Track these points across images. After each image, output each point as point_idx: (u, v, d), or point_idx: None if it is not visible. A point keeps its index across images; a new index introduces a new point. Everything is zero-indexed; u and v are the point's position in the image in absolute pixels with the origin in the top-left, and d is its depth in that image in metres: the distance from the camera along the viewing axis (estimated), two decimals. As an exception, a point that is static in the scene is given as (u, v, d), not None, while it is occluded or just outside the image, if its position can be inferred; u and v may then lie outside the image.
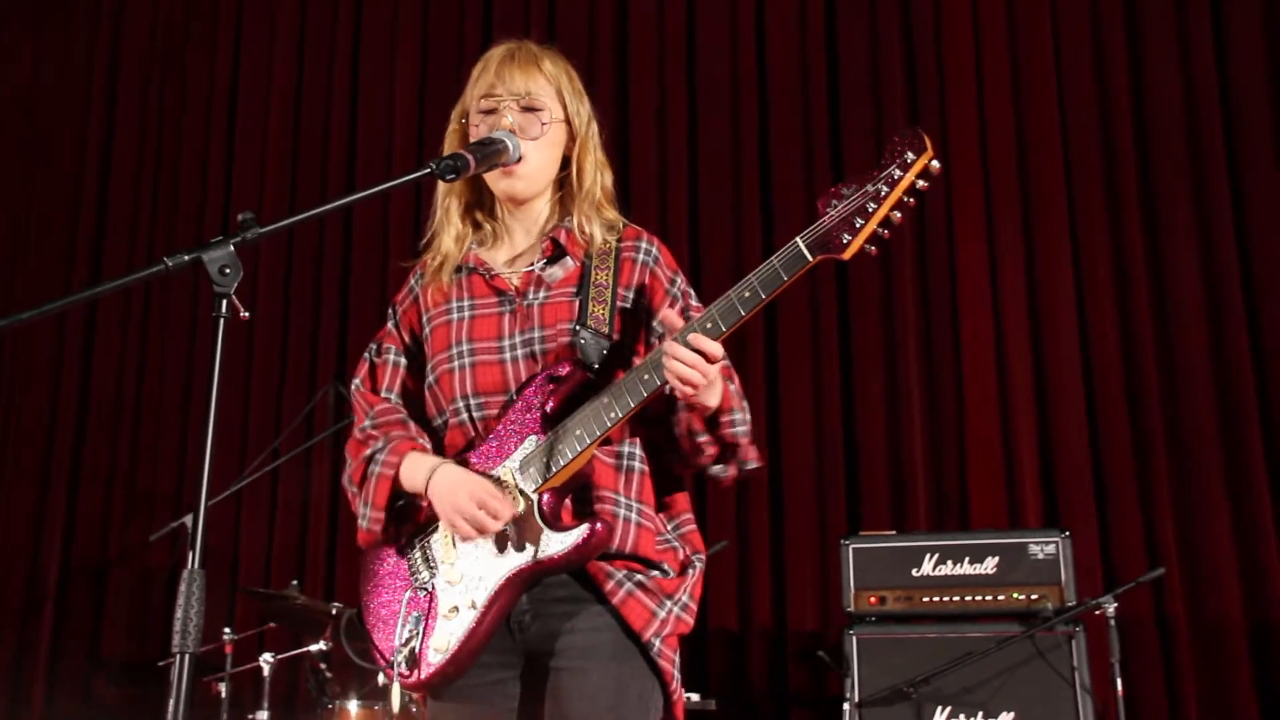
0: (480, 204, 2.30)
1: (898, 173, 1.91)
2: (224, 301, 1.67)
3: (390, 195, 5.58)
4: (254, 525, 5.81)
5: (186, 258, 1.68)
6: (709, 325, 1.94)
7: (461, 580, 2.05)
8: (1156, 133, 4.90)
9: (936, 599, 4.04)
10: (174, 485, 6.01)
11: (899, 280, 5.08)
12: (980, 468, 4.83)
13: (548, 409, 2.04)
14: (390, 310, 2.34)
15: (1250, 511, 4.47)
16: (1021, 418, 4.82)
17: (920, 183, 1.92)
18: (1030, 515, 4.69)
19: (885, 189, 1.91)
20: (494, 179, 2.20)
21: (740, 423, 2.11)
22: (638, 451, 2.13)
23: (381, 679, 4.01)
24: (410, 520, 2.17)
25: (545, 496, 2.01)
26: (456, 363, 2.16)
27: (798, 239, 1.93)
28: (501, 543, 2.03)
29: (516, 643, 2.08)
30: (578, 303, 2.13)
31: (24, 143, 6.96)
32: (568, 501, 2.05)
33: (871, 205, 1.91)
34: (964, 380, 4.93)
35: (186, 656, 1.56)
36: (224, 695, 4.34)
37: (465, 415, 2.14)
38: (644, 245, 2.22)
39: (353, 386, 2.32)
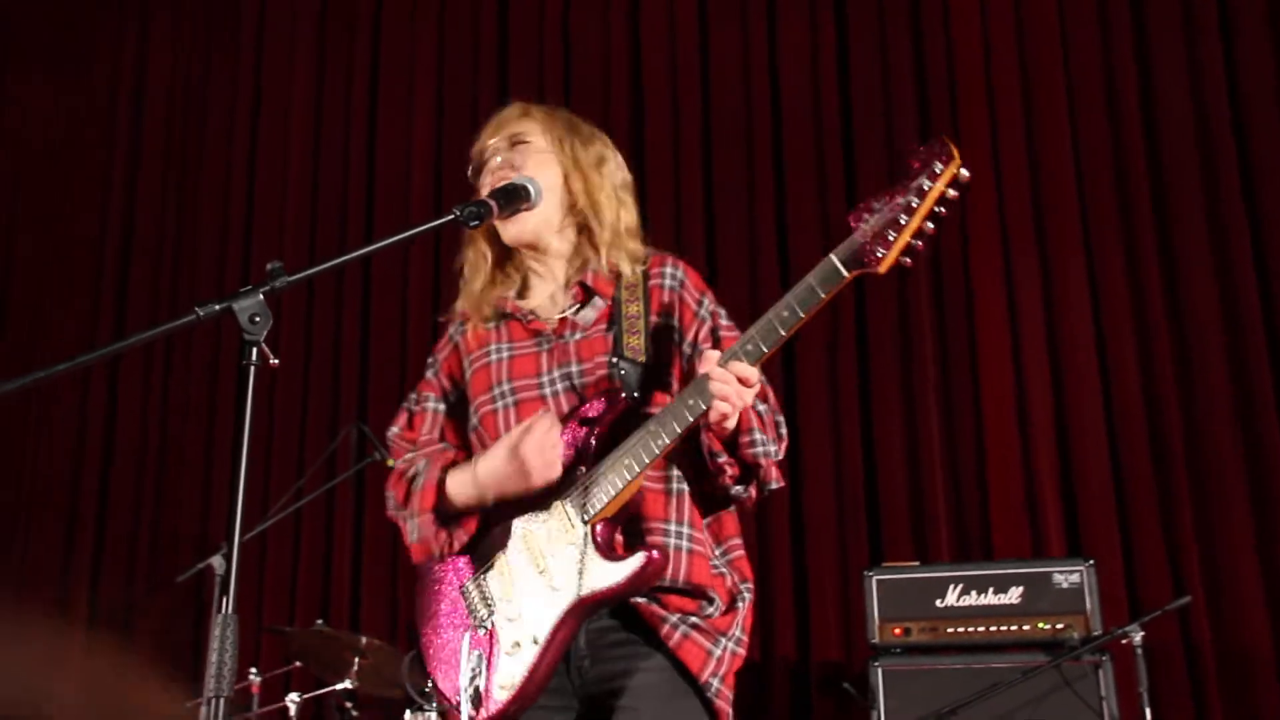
0: (507, 255, 2.34)
1: (927, 183, 1.89)
2: (254, 349, 1.69)
3: (409, 234, 5.64)
4: (278, 565, 5.83)
5: (217, 307, 1.70)
6: (749, 348, 1.94)
7: (521, 616, 2.05)
8: (1169, 157, 4.91)
9: (961, 629, 4.02)
10: (198, 526, 6.04)
11: (915, 308, 5.09)
12: (1002, 497, 4.81)
13: (593, 440, 2.06)
14: (430, 360, 2.40)
15: (1275, 537, 4.44)
16: (1042, 446, 4.81)
17: (950, 192, 1.90)
18: (1053, 544, 4.67)
19: (916, 200, 1.89)
20: (502, 229, 2.24)
21: (760, 443, 2.07)
22: (676, 473, 2.14)
23: (408, 716, 4.01)
24: (466, 541, 2.19)
25: (599, 527, 2.02)
26: (500, 403, 2.20)
27: (831, 255, 1.92)
28: (558, 576, 2.03)
29: (574, 686, 2.10)
30: (612, 336, 2.16)
31: (48, 184, 7.06)
32: (618, 534, 2.06)
33: (904, 217, 1.89)
34: (983, 409, 4.93)
35: (221, 701, 1.58)
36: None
37: None
38: (669, 270, 2.26)
39: (390, 433, 2.36)
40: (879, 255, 1.88)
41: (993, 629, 3.99)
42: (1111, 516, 4.67)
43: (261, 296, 1.71)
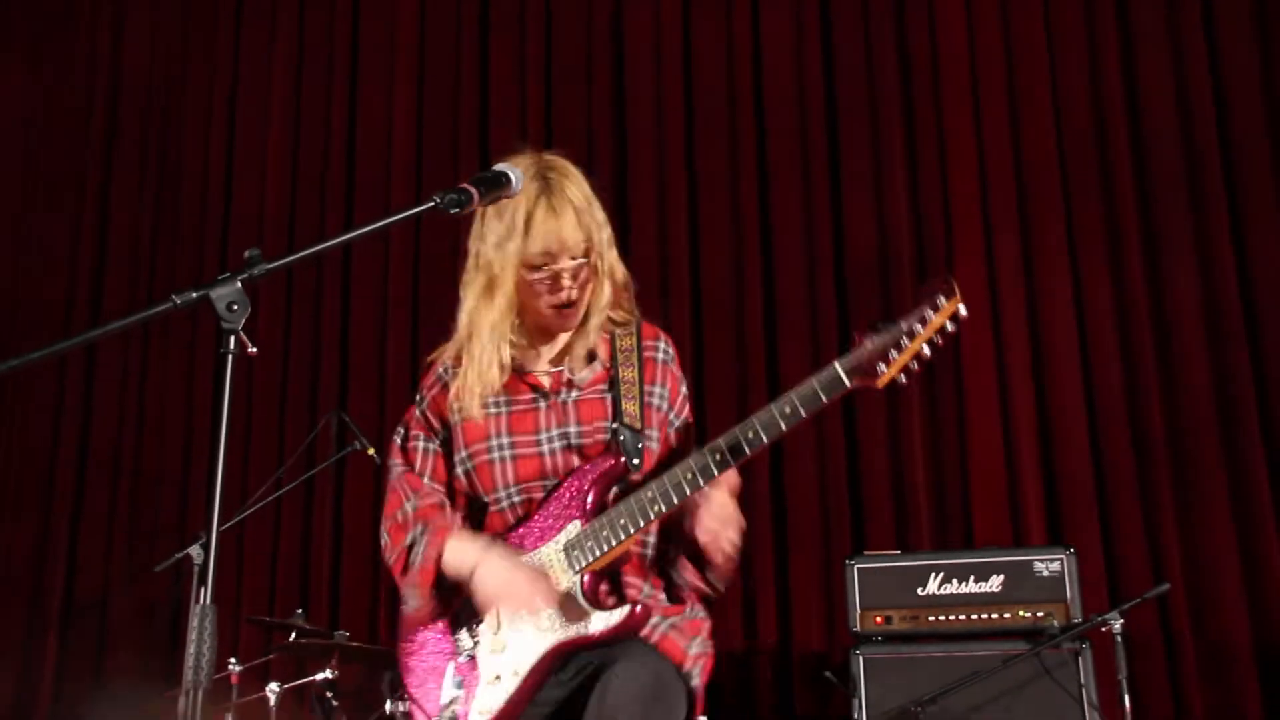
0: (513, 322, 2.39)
1: (930, 313, 2.12)
2: (232, 338, 1.67)
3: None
4: (258, 555, 5.81)
5: (195, 295, 1.68)
6: (750, 435, 2.13)
7: (505, 650, 2.19)
8: (1153, 149, 4.92)
9: (942, 618, 4.03)
10: (176, 515, 6.01)
11: (898, 298, 5.09)
12: (983, 485, 4.83)
13: (590, 498, 2.21)
14: (418, 398, 2.44)
15: (1254, 527, 4.47)
16: (1023, 435, 4.82)
17: (949, 326, 2.12)
18: (1034, 533, 4.69)
19: (919, 327, 2.11)
20: (551, 319, 2.32)
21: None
22: (652, 539, 2.33)
23: (388, 705, 4.01)
24: (455, 596, 2.29)
25: (587, 577, 2.18)
26: (496, 454, 2.31)
27: (836, 364, 2.14)
28: (546, 619, 2.17)
29: (556, 682, 2.21)
30: (610, 399, 2.30)
31: (23, 173, 6.99)
32: (602, 584, 2.22)
33: (905, 340, 2.11)
34: (965, 398, 4.94)
35: (199, 692, 1.56)
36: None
37: (505, 503, 2.31)
38: (662, 345, 2.41)
39: (396, 470, 2.41)
40: (880, 371, 2.10)
41: (973, 617, 4.00)
42: (1092, 505, 4.69)
43: (239, 284, 1.69)
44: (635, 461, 2.24)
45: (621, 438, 2.25)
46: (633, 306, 2.41)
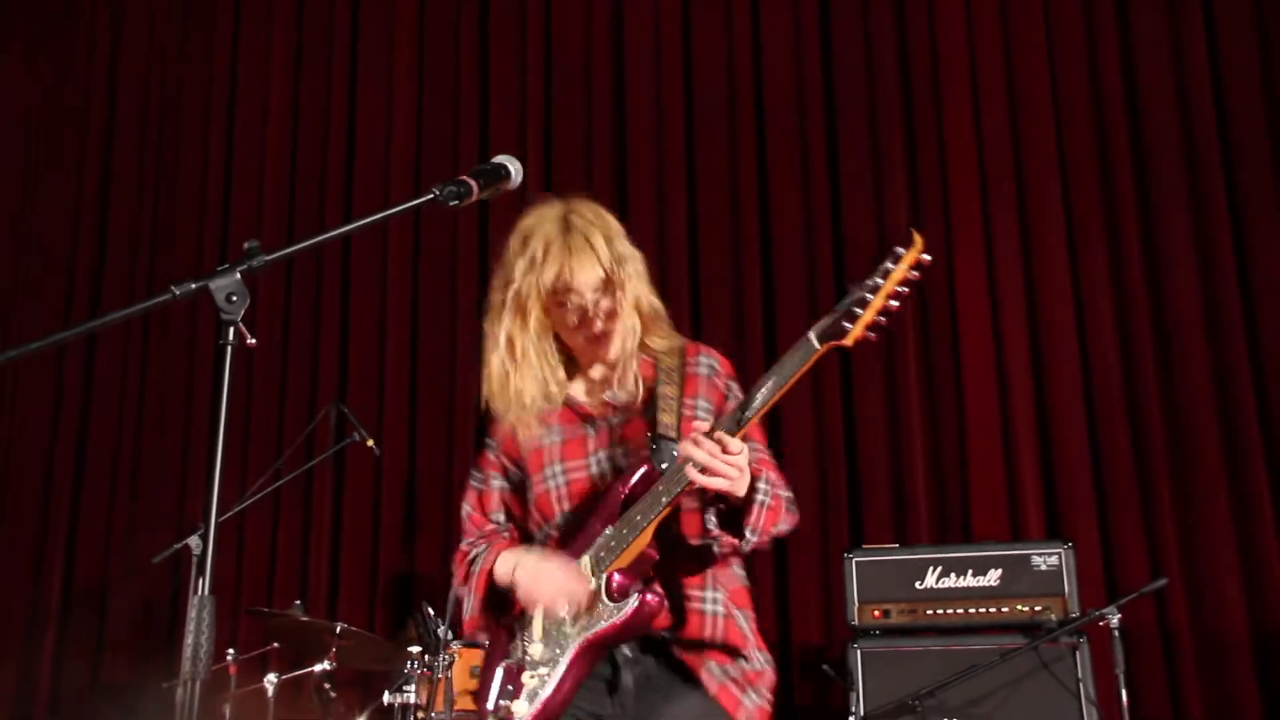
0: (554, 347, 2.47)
1: (890, 265, 2.13)
2: (231, 329, 1.67)
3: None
4: (256, 546, 5.81)
5: (194, 286, 1.68)
6: (740, 416, 2.14)
7: (543, 653, 2.30)
8: (1153, 149, 4.92)
9: (940, 611, 4.04)
10: (175, 507, 6.01)
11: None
12: (981, 479, 4.83)
13: (617, 503, 2.29)
14: (489, 442, 2.56)
15: (1252, 521, 4.48)
16: (1022, 428, 4.82)
17: (913, 274, 2.13)
18: (1032, 527, 4.69)
19: (881, 280, 2.12)
20: (584, 350, 2.43)
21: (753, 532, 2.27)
22: (717, 547, 2.36)
23: (386, 696, 4.04)
24: (510, 609, 2.43)
25: (616, 577, 2.25)
26: (551, 483, 2.43)
27: (809, 332, 2.13)
28: (576, 620, 2.28)
29: (617, 713, 2.31)
30: (649, 416, 2.37)
31: (22, 168, 6.98)
32: (635, 584, 2.25)
33: (869, 295, 2.10)
34: (964, 393, 4.94)
35: (197, 683, 1.57)
36: (228, 717, 4.35)
37: (563, 525, 2.42)
38: (704, 359, 2.48)
39: (464, 511, 2.57)
40: (845, 329, 2.10)
41: (971, 611, 4.01)
42: (1090, 499, 4.69)
43: (239, 275, 1.69)
44: (664, 466, 2.28)
45: (655, 446, 2.31)
46: (673, 332, 2.47)
